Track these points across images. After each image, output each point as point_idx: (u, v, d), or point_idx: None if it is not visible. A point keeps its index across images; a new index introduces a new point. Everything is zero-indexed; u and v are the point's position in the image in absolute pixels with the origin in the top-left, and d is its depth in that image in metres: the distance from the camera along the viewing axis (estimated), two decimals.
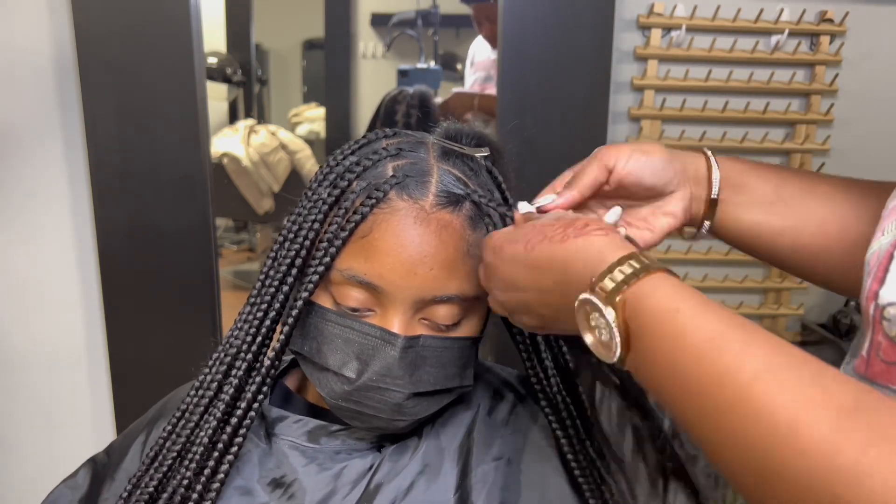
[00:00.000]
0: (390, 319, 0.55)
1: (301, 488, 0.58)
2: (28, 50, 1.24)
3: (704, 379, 0.36)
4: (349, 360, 0.55)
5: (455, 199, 0.56)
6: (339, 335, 0.55)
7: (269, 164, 2.41)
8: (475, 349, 0.60)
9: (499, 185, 0.62)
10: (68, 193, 1.30)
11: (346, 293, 0.55)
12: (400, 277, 0.53)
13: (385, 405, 0.55)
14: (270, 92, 2.66)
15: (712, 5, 1.32)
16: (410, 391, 0.55)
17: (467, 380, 0.60)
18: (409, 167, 0.57)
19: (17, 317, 1.34)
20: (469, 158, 0.60)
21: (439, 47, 2.28)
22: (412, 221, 0.54)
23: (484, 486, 0.58)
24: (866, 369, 0.50)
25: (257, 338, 0.58)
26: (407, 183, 0.55)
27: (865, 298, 0.50)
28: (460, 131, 0.61)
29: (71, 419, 1.39)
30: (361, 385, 0.54)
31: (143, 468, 0.60)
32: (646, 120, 1.36)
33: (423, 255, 0.53)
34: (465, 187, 0.57)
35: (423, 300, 0.54)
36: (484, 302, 0.59)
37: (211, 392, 0.58)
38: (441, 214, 0.55)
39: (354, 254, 0.54)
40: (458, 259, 0.55)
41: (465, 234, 0.56)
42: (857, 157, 1.41)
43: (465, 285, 0.55)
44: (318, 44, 2.53)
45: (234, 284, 2.50)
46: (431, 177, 0.56)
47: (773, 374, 0.34)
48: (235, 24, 2.50)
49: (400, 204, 0.54)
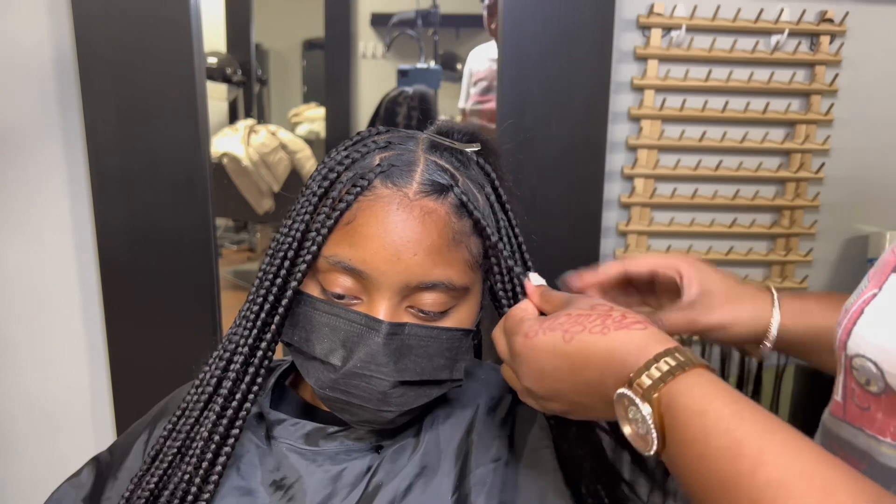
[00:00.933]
0: (376, 307, 0.55)
1: (301, 490, 0.58)
2: (28, 50, 1.24)
3: (723, 482, 0.38)
4: (335, 348, 0.55)
5: (439, 188, 0.56)
6: (326, 323, 0.56)
7: (269, 163, 2.41)
8: (467, 342, 0.60)
9: (491, 180, 0.62)
10: (68, 193, 1.30)
11: (333, 280, 0.56)
12: (384, 262, 0.54)
13: (370, 394, 0.55)
14: (270, 92, 2.66)
15: (712, 5, 1.32)
16: (395, 379, 0.55)
17: (458, 373, 0.59)
18: (395, 157, 0.57)
19: (17, 317, 1.34)
20: (458, 152, 0.60)
21: (439, 47, 2.28)
22: (395, 207, 0.54)
23: (483, 488, 0.58)
24: (844, 413, 0.53)
25: (253, 331, 0.58)
26: (391, 171, 0.56)
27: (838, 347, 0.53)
28: (452, 127, 0.62)
29: (71, 419, 1.39)
30: (346, 372, 0.54)
31: (145, 466, 0.60)
32: (646, 120, 1.36)
33: (407, 241, 0.54)
34: (451, 178, 0.57)
35: (409, 286, 0.55)
36: (474, 294, 0.59)
37: (210, 388, 0.59)
38: (425, 202, 0.55)
39: (340, 240, 0.55)
40: (444, 246, 0.55)
41: (451, 222, 0.56)
42: (857, 157, 1.41)
43: (451, 273, 0.56)
44: (318, 44, 2.53)
45: (234, 284, 2.51)
46: (417, 166, 0.57)
47: (786, 485, 0.36)
48: (235, 24, 2.50)
49: (384, 191, 0.55)
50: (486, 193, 0.60)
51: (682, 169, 1.38)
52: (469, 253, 0.57)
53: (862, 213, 1.44)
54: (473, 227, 0.58)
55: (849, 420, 0.52)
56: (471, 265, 0.57)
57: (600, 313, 0.48)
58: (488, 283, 0.61)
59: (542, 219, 1.32)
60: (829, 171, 1.41)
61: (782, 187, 1.42)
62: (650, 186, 1.39)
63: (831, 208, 1.43)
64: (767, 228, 1.42)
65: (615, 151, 1.38)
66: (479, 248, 0.58)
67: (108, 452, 0.68)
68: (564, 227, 1.33)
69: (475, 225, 0.57)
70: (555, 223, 1.33)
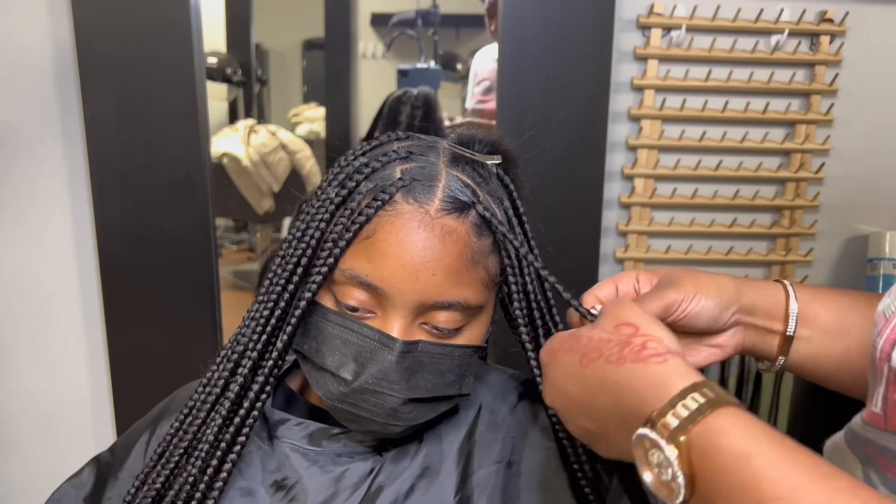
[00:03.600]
0: (390, 323, 0.54)
1: (303, 490, 0.58)
2: (28, 50, 1.23)
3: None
4: (346, 362, 0.55)
5: (461, 206, 0.55)
6: (338, 336, 0.55)
7: (269, 163, 2.41)
8: (476, 357, 0.60)
9: (510, 193, 0.61)
10: (68, 193, 1.30)
11: (348, 292, 0.55)
12: (401, 281, 0.53)
13: (380, 409, 0.54)
14: (270, 92, 2.66)
15: (712, 5, 1.32)
16: (406, 396, 0.54)
17: (466, 388, 0.59)
18: (416, 171, 0.56)
19: (17, 317, 1.34)
20: (480, 165, 0.59)
21: (439, 47, 2.28)
22: (416, 225, 0.53)
23: (485, 490, 0.58)
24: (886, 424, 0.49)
25: (262, 336, 0.58)
26: (413, 186, 0.55)
27: (878, 357, 0.49)
28: (473, 137, 0.61)
29: (71, 419, 1.39)
30: (357, 387, 0.54)
31: (151, 465, 0.60)
32: (646, 120, 1.36)
33: (426, 260, 0.53)
34: (473, 195, 0.56)
35: (425, 305, 0.54)
36: (487, 311, 0.59)
37: (217, 389, 0.58)
38: (446, 220, 0.54)
39: (357, 255, 0.54)
40: (462, 266, 0.54)
41: (471, 241, 0.55)
42: (857, 157, 1.41)
43: (467, 293, 0.55)
44: (318, 44, 2.53)
45: (234, 284, 2.50)
46: (439, 181, 0.56)
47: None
48: (235, 24, 2.50)
49: (405, 207, 0.54)
50: (504, 207, 0.60)
51: (682, 169, 1.38)
52: (486, 273, 0.57)
53: (862, 213, 1.44)
54: (493, 245, 0.57)
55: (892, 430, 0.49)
56: (486, 284, 0.57)
57: (620, 339, 0.45)
58: (501, 295, 0.61)
59: (542, 219, 1.32)
60: (829, 171, 1.41)
61: (782, 187, 1.42)
62: (650, 186, 1.39)
63: (831, 208, 1.43)
64: (767, 228, 1.42)
65: (615, 151, 1.38)
66: (496, 267, 0.58)
67: (108, 452, 0.68)
68: (564, 227, 1.33)
69: (496, 242, 0.57)
70: (555, 223, 1.33)
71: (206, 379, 0.60)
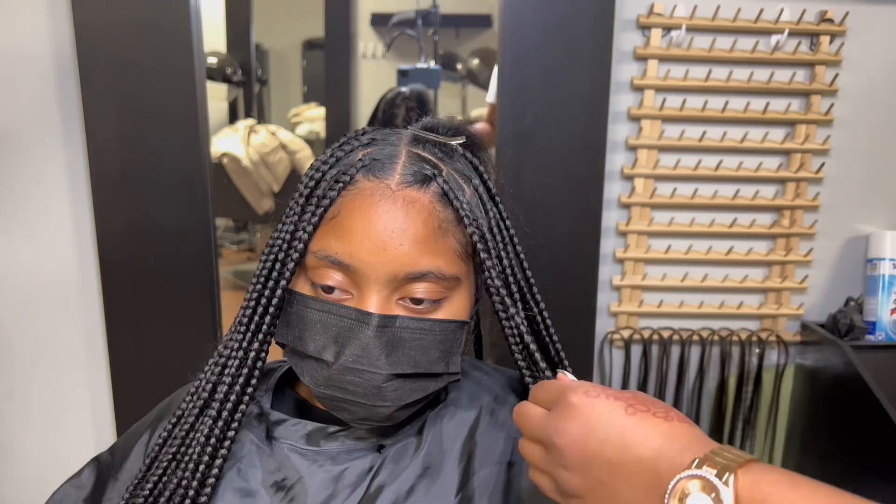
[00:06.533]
0: (366, 300, 0.55)
1: (302, 491, 0.58)
2: (28, 50, 1.24)
3: None
4: (328, 344, 0.55)
5: (422, 178, 0.56)
6: (318, 320, 0.56)
7: (269, 163, 2.41)
8: (461, 335, 0.60)
9: (479, 173, 0.62)
10: (68, 193, 1.30)
11: (323, 274, 0.56)
12: (369, 254, 0.54)
13: (365, 388, 0.55)
14: (270, 92, 2.66)
15: (712, 5, 1.32)
16: (388, 372, 0.54)
17: (454, 366, 0.59)
18: (377, 152, 0.58)
19: (17, 317, 1.34)
20: (443, 145, 0.60)
21: (439, 47, 2.28)
22: (378, 199, 0.55)
23: (487, 490, 0.58)
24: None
25: (247, 335, 0.59)
26: (373, 165, 0.56)
27: None
28: (437, 123, 0.62)
29: (71, 419, 1.39)
30: (339, 367, 0.54)
31: (142, 472, 0.60)
32: (646, 120, 1.36)
33: (391, 231, 0.54)
34: (435, 168, 0.57)
35: (397, 277, 0.55)
36: (466, 285, 0.59)
37: (206, 394, 0.59)
38: (408, 192, 0.55)
39: (326, 235, 0.56)
40: (430, 235, 0.55)
41: (435, 210, 0.56)
42: (857, 157, 1.41)
43: (440, 262, 0.55)
44: (318, 44, 2.53)
45: (234, 284, 2.50)
46: (399, 158, 0.57)
47: None
48: (235, 24, 2.50)
49: (366, 184, 0.55)
50: (474, 185, 0.60)
51: (682, 169, 1.38)
52: (457, 242, 0.57)
53: (862, 213, 1.44)
54: (456, 216, 0.57)
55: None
56: (460, 255, 0.57)
57: (664, 405, 0.46)
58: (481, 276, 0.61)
59: (542, 219, 1.32)
60: (829, 171, 1.41)
61: (782, 187, 1.42)
62: (650, 186, 1.39)
63: (831, 208, 1.43)
64: (767, 228, 1.42)
65: (615, 151, 1.38)
66: (466, 238, 0.58)
67: (108, 453, 0.68)
68: (564, 227, 1.33)
69: (456, 214, 0.57)
70: (555, 223, 1.33)
71: (194, 386, 0.61)
